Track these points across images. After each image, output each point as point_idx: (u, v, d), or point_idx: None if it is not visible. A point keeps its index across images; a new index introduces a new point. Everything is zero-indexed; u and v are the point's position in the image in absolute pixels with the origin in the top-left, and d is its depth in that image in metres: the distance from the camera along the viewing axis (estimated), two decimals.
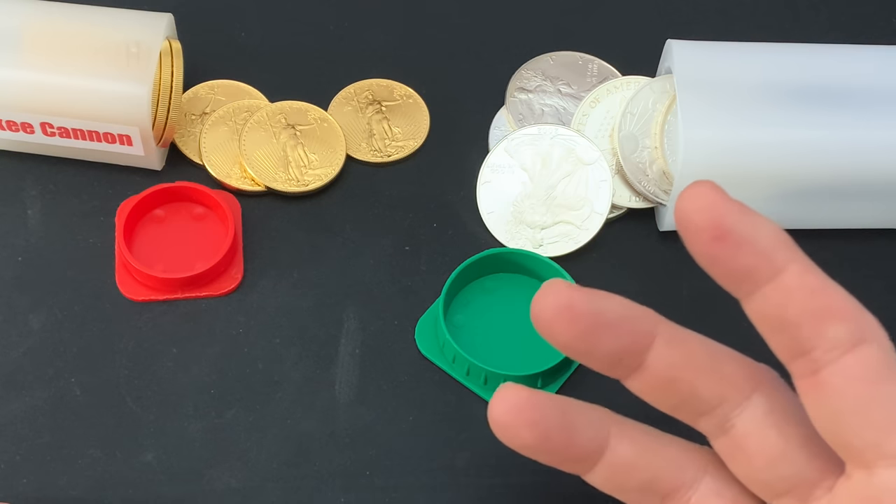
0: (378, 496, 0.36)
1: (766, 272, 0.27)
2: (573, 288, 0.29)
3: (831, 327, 0.27)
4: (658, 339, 0.29)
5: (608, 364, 0.30)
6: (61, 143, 0.41)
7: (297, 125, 0.43)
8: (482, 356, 0.38)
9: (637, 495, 0.31)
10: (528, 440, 0.30)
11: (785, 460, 0.29)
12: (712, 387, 0.29)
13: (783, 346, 0.28)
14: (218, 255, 0.40)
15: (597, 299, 0.29)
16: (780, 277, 0.27)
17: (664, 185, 0.41)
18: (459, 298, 0.40)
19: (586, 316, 0.29)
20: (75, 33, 0.40)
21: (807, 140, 0.39)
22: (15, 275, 0.40)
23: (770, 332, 0.28)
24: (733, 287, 0.28)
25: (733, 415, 0.30)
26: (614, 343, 0.29)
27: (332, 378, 0.38)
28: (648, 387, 0.30)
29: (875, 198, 0.40)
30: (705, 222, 0.27)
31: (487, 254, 0.40)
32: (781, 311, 0.27)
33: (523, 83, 0.45)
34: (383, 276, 0.41)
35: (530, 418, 0.30)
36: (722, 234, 0.27)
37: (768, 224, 0.27)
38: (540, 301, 0.29)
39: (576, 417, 0.31)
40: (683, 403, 0.30)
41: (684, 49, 0.41)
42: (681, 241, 0.42)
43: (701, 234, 0.27)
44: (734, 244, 0.27)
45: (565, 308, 0.28)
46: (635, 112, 0.42)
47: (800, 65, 0.40)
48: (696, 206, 0.27)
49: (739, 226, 0.27)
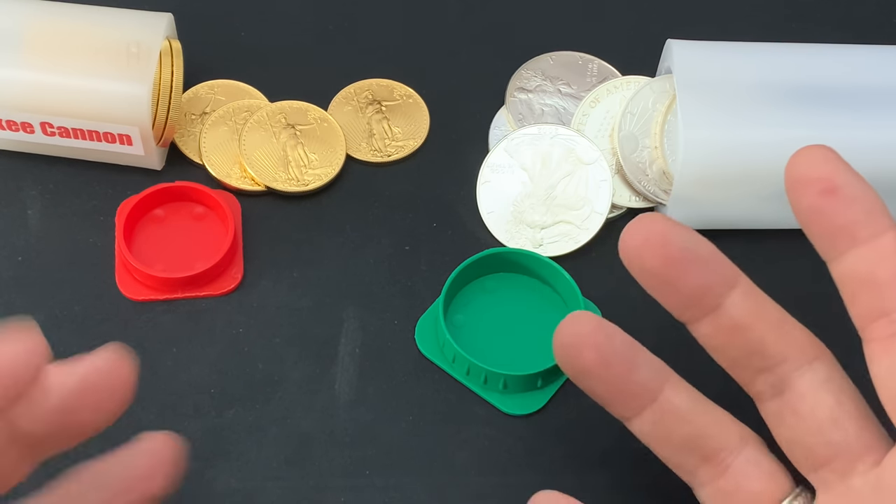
0: (378, 496, 0.36)
1: (866, 232, 0.28)
2: (668, 220, 0.30)
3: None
4: (738, 288, 0.30)
5: (687, 300, 0.30)
6: (61, 142, 0.41)
7: (297, 125, 0.43)
8: (482, 356, 0.38)
9: (678, 451, 0.32)
10: (589, 362, 0.31)
11: (835, 426, 0.29)
12: (779, 344, 0.30)
13: (866, 306, 0.28)
14: (218, 254, 0.40)
15: (690, 234, 0.30)
16: (879, 239, 0.28)
17: (664, 184, 0.41)
18: (459, 298, 0.40)
19: (679, 246, 0.30)
20: (75, 33, 0.40)
21: (806, 140, 0.39)
22: (15, 275, 0.40)
23: (856, 292, 0.28)
24: (828, 243, 0.28)
25: (793, 376, 0.30)
26: (700, 277, 0.30)
27: (332, 378, 0.38)
28: (719, 331, 0.30)
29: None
30: (817, 176, 0.28)
31: (487, 254, 0.40)
32: (874, 270, 0.28)
33: (523, 83, 0.45)
34: (383, 276, 0.41)
35: (596, 341, 0.31)
36: (832, 189, 0.28)
37: (873, 191, 0.28)
38: (632, 228, 0.30)
39: (639, 354, 0.31)
40: (748, 356, 0.30)
41: (684, 49, 0.41)
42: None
43: (810, 188, 0.28)
44: (842, 199, 0.28)
45: (659, 234, 0.30)
46: (635, 112, 0.42)
47: (799, 65, 0.40)
48: (809, 161, 0.28)
49: (849, 185, 0.28)
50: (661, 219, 0.30)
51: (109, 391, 0.28)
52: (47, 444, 0.28)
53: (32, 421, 0.27)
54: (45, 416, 0.27)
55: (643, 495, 0.35)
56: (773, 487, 0.31)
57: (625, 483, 0.36)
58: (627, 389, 0.31)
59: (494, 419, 0.38)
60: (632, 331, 0.33)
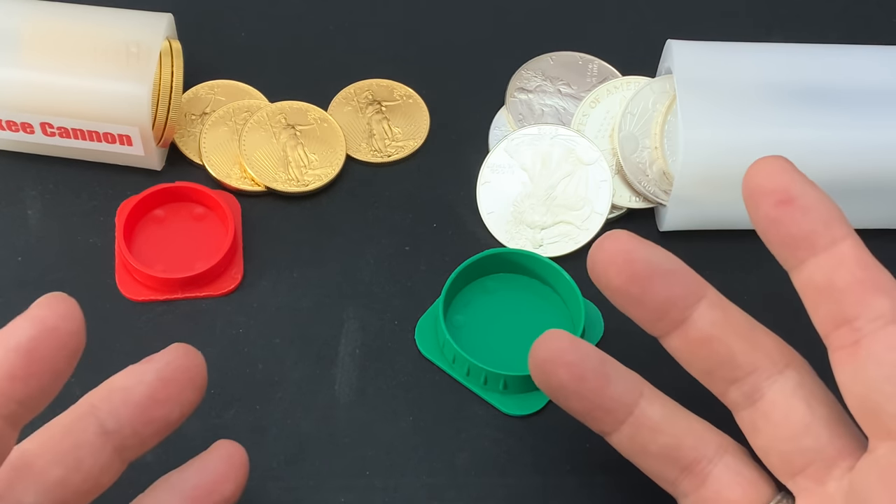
0: (378, 496, 0.36)
1: (824, 241, 0.28)
2: (633, 237, 0.30)
3: (877, 299, 0.27)
4: (705, 300, 0.30)
5: (654, 314, 0.31)
6: (61, 143, 0.41)
7: (297, 125, 0.43)
8: (482, 356, 0.38)
9: (658, 461, 0.32)
10: (564, 380, 0.31)
11: (808, 433, 0.29)
12: (749, 353, 0.30)
13: (827, 314, 0.28)
14: (218, 255, 0.40)
15: (654, 249, 0.30)
16: (837, 247, 0.28)
17: (664, 185, 0.41)
18: (459, 298, 0.40)
19: (643, 261, 0.30)
20: (75, 33, 0.40)
21: (807, 140, 0.39)
22: (15, 275, 0.40)
23: (816, 301, 0.28)
24: (788, 253, 0.29)
25: (765, 385, 0.30)
26: (665, 292, 0.30)
27: (332, 378, 0.38)
28: (688, 344, 0.31)
29: (875, 198, 0.40)
30: (774, 186, 0.28)
31: (487, 254, 0.40)
32: (832, 278, 0.28)
33: (523, 83, 0.45)
34: (383, 276, 0.41)
35: (570, 359, 0.31)
36: (789, 199, 0.28)
37: (830, 199, 0.29)
38: (598, 246, 0.30)
39: (612, 369, 0.32)
40: (719, 367, 0.31)
41: (684, 49, 0.41)
42: (681, 241, 0.42)
43: (768, 198, 0.28)
44: (799, 209, 0.28)
45: (624, 252, 0.30)
46: (635, 112, 0.42)
47: (800, 65, 0.40)
48: (765, 172, 0.28)
49: (805, 194, 0.28)
50: (625, 236, 0.30)
51: (185, 384, 0.30)
52: (134, 442, 0.30)
53: (118, 419, 0.29)
54: (128, 413, 0.29)
55: (643, 495, 0.35)
56: (753, 495, 0.31)
57: (625, 483, 0.36)
58: (603, 405, 0.31)
59: (494, 419, 0.38)
60: (631, 330, 0.33)
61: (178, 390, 0.30)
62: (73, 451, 0.29)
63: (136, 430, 0.29)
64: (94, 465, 0.29)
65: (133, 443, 0.30)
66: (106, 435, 0.29)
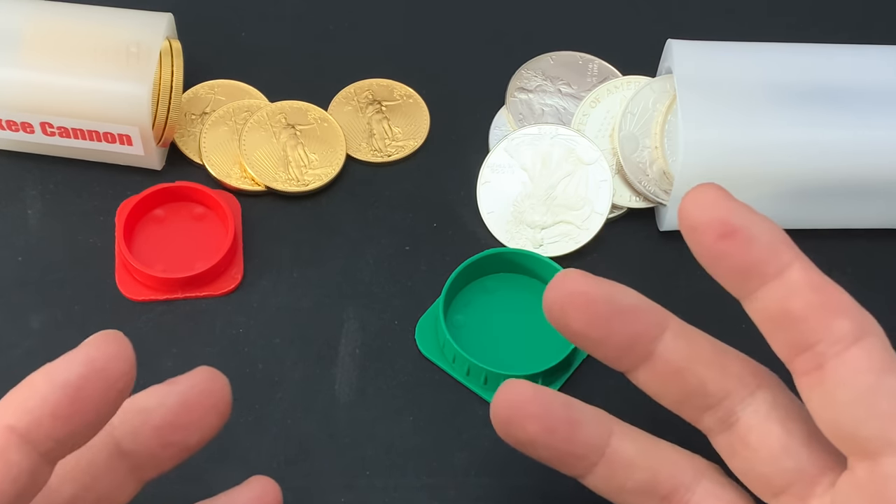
0: (378, 496, 0.36)
1: (773, 269, 0.27)
2: (587, 276, 0.30)
3: (836, 321, 0.27)
4: (668, 331, 0.30)
5: (618, 352, 0.30)
6: (61, 142, 0.41)
7: (297, 125, 0.43)
8: (482, 356, 0.38)
9: (636, 497, 0.31)
10: (532, 433, 0.30)
11: (787, 454, 0.29)
12: (719, 380, 0.30)
13: (787, 342, 0.28)
14: (218, 255, 0.40)
15: (610, 288, 0.30)
16: (786, 274, 0.27)
17: (664, 185, 0.41)
18: (459, 298, 0.40)
19: (600, 302, 0.29)
20: (75, 33, 0.40)
21: (807, 140, 0.39)
22: (15, 275, 0.40)
23: (773, 329, 0.28)
24: (737, 285, 0.28)
25: (738, 409, 0.30)
26: (626, 330, 0.29)
27: (332, 378, 0.38)
28: (656, 377, 0.30)
29: (875, 198, 0.40)
30: (711, 220, 0.27)
31: (487, 254, 0.40)
32: (786, 306, 0.27)
33: (523, 83, 0.45)
34: (383, 276, 0.41)
35: (535, 411, 0.30)
36: (729, 232, 0.27)
37: (771, 223, 0.28)
38: (554, 288, 0.30)
39: (579, 414, 0.31)
40: (690, 397, 0.30)
41: (684, 49, 0.41)
42: (681, 240, 0.42)
43: (707, 233, 0.27)
44: (742, 241, 0.27)
45: (580, 294, 0.29)
46: (635, 112, 0.42)
47: (800, 65, 0.40)
48: (701, 205, 0.27)
49: (746, 224, 0.27)
50: (580, 276, 0.30)
51: (208, 409, 0.29)
52: (150, 464, 0.29)
53: (135, 440, 0.28)
54: (146, 435, 0.28)
55: None
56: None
57: None
58: (575, 451, 0.31)
59: None
60: None
61: (200, 415, 0.29)
62: (88, 470, 0.28)
63: (154, 453, 0.29)
64: (108, 485, 0.29)
65: (149, 464, 0.29)
66: (122, 455, 0.29)
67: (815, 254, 0.43)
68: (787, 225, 0.42)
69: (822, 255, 0.42)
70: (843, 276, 0.41)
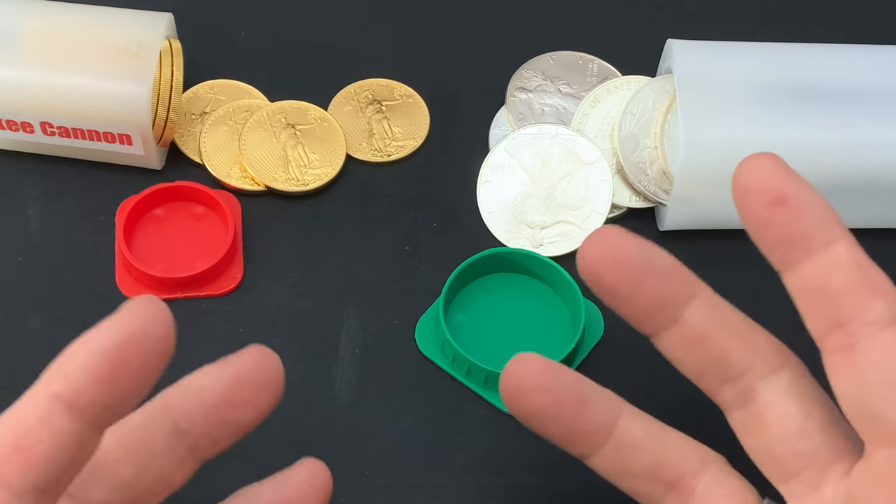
0: (378, 496, 0.36)
1: (819, 243, 0.27)
2: (625, 233, 0.29)
3: (874, 302, 0.27)
4: (698, 298, 0.30)
5: (646, 313, 0.30)
6: (61, 142, 0.41)
7: (297, 125, 0.43)
8: (482, 356, 0.38)
9: (641, 482, 0.31)
10: (540, 405, 0.30)
11: (803, 436, 0.29)
12: (743, 352, 0.30)
13: (822, 317, 0.28)
14: (218, 254, 0.40)
15: (646, 247, 0.29)
16: (831, 248, 0.27)
17: (664, 184, 0.41)
18: (459, 298, 0.40)
19: (634, 259, 0.29)
20: (75, 33, 0.40)
21: (807, 140, 0.39)
22: (15, 275, 0.40)
23: (810, 303, 0.28)
24: (782, 254, 0.28)
25: (758, 385, 0.30)
26: (657, 290, 0.29)
27: (332, 378, 0.38)
28: (681, 343, 0.30)
29: (875, 197, 0.40)
30: (765, 186, 0.27)
31: (487, 254, 0.40)
32: (827, 280, 0.27)
33: (523, 83, 0.45)
34: (383, 276, 0.41)
35: (544, 384, 0.30)
36: (782, 199, 0.27)
37: (823, 199, 0.28)
38: (590, 243, 0.30)
39: (589, 391, 0.31)
40: (711, 366, 0.30)
41: (684, 49, 0.41)
42: (681, 240, 0.42)
43: (759, 198, 0.28)
44: (793, 209, 0.27)
45: (614, 249, 0.29)
46: (635, 112, 0.42)
47: (800, 65, 0.40)
48: (756, 171, 0.28)
49: (798, 194, 0.27)
50: (616, 232, 0.30)
51: (261, 386, 0.29)
52: (206, 442, 0.29)
53: (191, 419, 0.29)
54: (202, 413, 0.29)
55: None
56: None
57: None
58: (582, 428, 0.31)
59: (494, 419, 0.38)
60: (631, 330, 0.32)
61: (254, 393, 0.29)
62: (145, 450, 0.28)
63: (210, 432, 0.29)
64: (166, 465, 0.29)
65: (206, 443, 0.29)
66: (179, 435, 0.29)
67: None
68: None
69: None
70: None
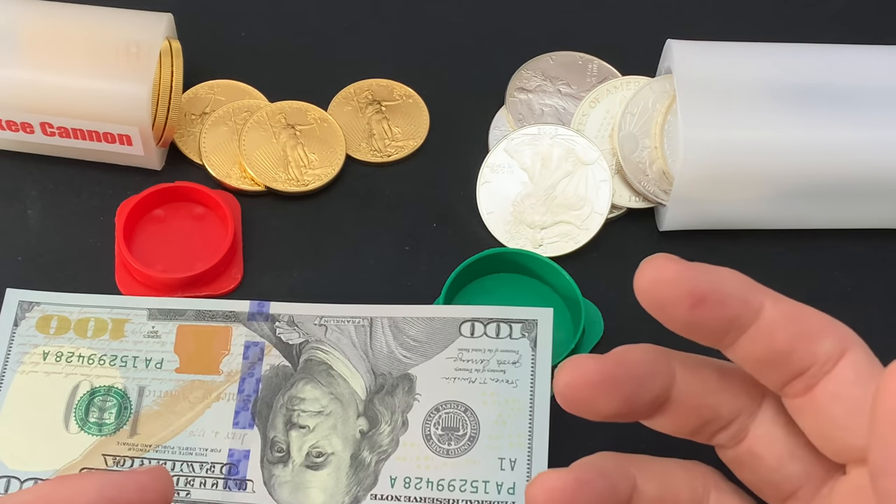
0: None
1: (748, 316, 0.28)
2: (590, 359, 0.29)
3: (820, 343, 0.27)
4: (677, 374, 0.30)
5: (639, 415, 0.30)
6: (61, 143, 0.41)
7: (296, 125, 0.43)
8: None
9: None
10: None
11: (793, 459, 0.29)
12: (731, 403, 0.30)
13: (777, 375, 0.28)
14: (218, 255, 0.40)
15: (614, 357, 0.29)
16: (761, 316, 0.28)
17: (664, 185, 0.41)
18: (459, 298, 0.40)
19: (608, 380, 0.29)
20: (75, 33, 0.40)
21: (807, 140, 0.39)
22: (15, 275, 0.40)
23: (762, 368, 0.28)
24: (718, 341, 0.28)
25: (749, 423, 0.30)
26: (638, 391, 0.29)
27: None
28: (674, 419, 0.30)
29: (875, 197, 0.40)
30: (679, 293, 0.27)
31: (487, 254, 0.40)
32: (771, 346, 0.28)
33: (523, 83, 0.45)
34: (383, 276, 0.41)
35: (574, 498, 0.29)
36: (700, 299, 0.27)
37: (732, 273, 0.28)
38: (557, 375, 0.29)
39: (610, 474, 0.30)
40: (706, 425, 0.30)
41: (684, 49, 0.41)
42: (681, 240, 0.42)
43: (678, 307, 0.27)
44: (715, 304, 0.27)
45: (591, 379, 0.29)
46: (635, 112, 0.42)
47: (800, 65, 0.40)
48: (661, 283, 0.27)
49: (713, 286, 0.27)
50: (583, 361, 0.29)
51: None
52: None
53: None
54: None
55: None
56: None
57: None
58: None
59: None
60: (630, 330, 0.32)
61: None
62: None
63: None
64: None
65: None
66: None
67: (815, 253, 0.43)
68: (788, 225, 0.42)
69: (822, 255, 0.42)
70: (843, 276, 0.42)
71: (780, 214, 0.41)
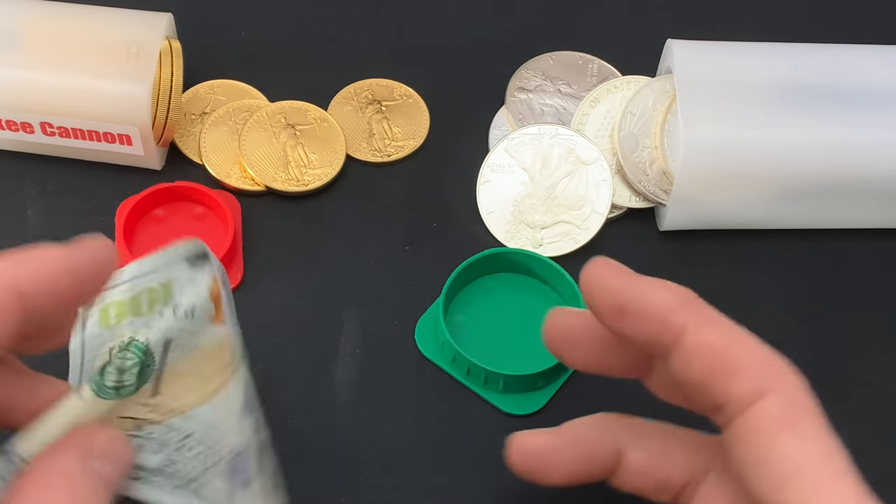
0: (378, 496, 0.36)
1: (668, 338, 0.27)
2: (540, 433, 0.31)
3: (734, 384, 0.27)
4: (626, 442, 0.31)
5: (594, 475, 0.31)
6: (61, 142, 0.41)
7: (297, 125, 0.43)
8: (482, 356, 0.38)
9: (653, 492, 0.32)
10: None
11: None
12: (679, 467, 0.31)
13: (699, 403, 0.28)
14: (218, 255, 0.39)
15: (560, 437, 0.31)
16: (681, 341, 0.27)
17: (664, 184, 0.41)
18: (459, 298, 0.40)
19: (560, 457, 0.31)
20: (75, 33, 0.40)
21: (807, 139, 0.39)
22: None
23: (686, 392, 0.28)
24: (651, 353, 0.29)
25: (694, 494, 0.31)
26: (590, 471, 0.31)
27: (332, 378, 0.38)
28: (627, 481, 0.31)
29: (875, 198, 0.40)
30: (605, 303, 0.28)
31: (487, 254, 0.40)
32: (686, 373, 0.27)
33: (523, 83, 0.45)
34: (383, 276, 0.41)
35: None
36: (621, 311, 0.28)
37: (665, 289, 0.28)
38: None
39: None
40: (661, 488, 0.31)
41: (684, 49, 0.41)
42: (681, 240, 0.42)
43: (605, 313, 0.28)
44: (634, 318, 0.27)
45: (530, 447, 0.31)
46: (635, 112, 0.42)
47: (800, 64, 0.40)
48: (595, 289, 0.28)
49: (635, 299, 0.27)
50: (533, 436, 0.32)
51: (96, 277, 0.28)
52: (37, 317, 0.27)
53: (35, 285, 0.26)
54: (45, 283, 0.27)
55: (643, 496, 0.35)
56: None
57: None
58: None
59: (494, 419, 0.38)
60: None
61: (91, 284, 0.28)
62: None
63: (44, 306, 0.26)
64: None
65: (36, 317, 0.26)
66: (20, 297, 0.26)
67: (815, 254, 0.43)
68: (787, 225, 0.42)
69: (822, 255, 0.42)
70: (843, 276, 0.42)
71: (780, 214, 0.41)
